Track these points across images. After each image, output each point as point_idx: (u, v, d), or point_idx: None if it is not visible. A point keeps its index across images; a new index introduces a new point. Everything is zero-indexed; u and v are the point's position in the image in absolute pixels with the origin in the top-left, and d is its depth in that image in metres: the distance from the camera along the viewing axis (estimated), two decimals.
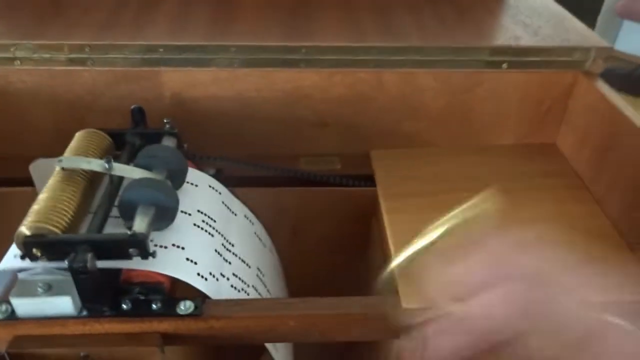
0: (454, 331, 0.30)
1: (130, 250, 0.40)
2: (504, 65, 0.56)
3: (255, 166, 0.56)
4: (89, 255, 0.39)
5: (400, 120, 0.59)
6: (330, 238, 0.60)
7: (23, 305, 0.41)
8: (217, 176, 0.56)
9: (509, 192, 0.55)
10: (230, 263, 0.48)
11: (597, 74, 0.57)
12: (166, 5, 0.59)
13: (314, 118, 0.58)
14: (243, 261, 0.50)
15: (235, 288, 0.47)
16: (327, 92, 0.56)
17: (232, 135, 0.58)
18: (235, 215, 0.53)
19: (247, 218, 0.55)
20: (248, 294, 0.48)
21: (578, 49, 0.55)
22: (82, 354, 0.43)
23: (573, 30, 0.59)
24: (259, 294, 0.50)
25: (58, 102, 0.55)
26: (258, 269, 0.51)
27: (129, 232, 0.40)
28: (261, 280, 0.50)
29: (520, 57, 0.56)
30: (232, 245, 0.50)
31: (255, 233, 0.55)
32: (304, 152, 0.60)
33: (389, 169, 0.58)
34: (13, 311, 0.41)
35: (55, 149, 0.46)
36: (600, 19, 2.79)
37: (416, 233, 0.50)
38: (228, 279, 0.47)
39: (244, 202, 0.54)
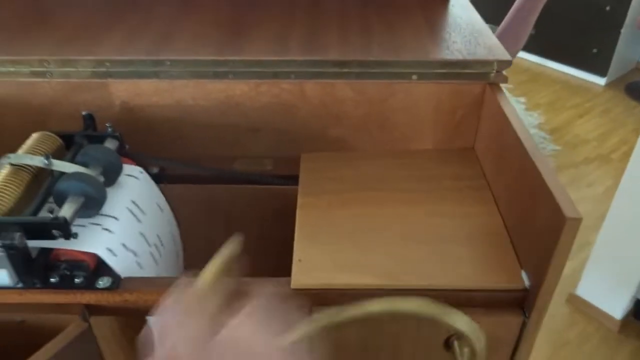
0: None
1: (54, 231, 0.48)
2: (414, 77, 0.62)
3: (191, 166, 0.64)
4: (18, 234, 0.47)
5: (326, 127, 0.66)
6: (260, 231, 0.66)
7: None
8: (160, 174, 0.64)
9: (415, 192, 0.62)
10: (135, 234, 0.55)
11: (499, 85, 0.62)
12: (120, 25, 0.68)
13: (246, 124, 0.65)
14: (144, 236, 0.56)
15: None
16: (255, 100, 0.63)
17: (174, 139, 0.66)
18: (150, 198, 0.59)
19: (158, 205, 0.61)
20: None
21: (480, 62, 0.61)
22: (18, 319, 0.51)
23: (483, 45, 0.64)
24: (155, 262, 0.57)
25: (23, 109, 0.64)
26: (155, 245, 0.58)
27: (51, 216, 0.48)
28: (153, 256, 0.57)
29: (428, 70, 0.61)
30: (140, 222, 0.56)
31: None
32: (239, 154, 0.67)
33: (313, 170, 0.64)
34: None
35: None
36: (623, 33, 2.79)
37: (319, 226, 0.56)
38: (133, 251, 0.53)
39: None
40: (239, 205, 0.66)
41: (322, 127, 0.66)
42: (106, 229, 0.52)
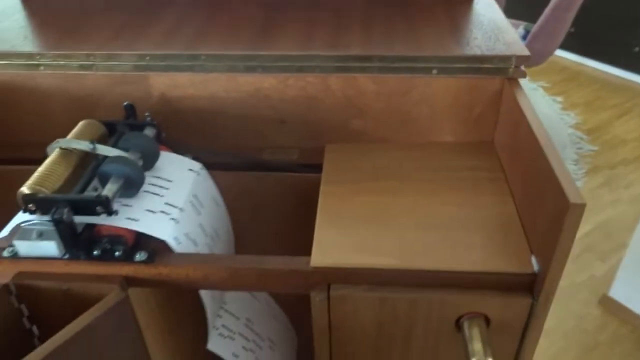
0: None
1: (97, 208, 0.53)
2: (434, 71, 0.64)
3: (222, 154, 0.68)
4: (66, 210, 0.52)
5: (348, 119, 0.69)
6: (284, 216, 0.70)
7: (22, 247, 0.55)
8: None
9: (432, 182, 0.65)
10: (197, 223, 0.60)
11: (517, 80, 0.64)
12: (158, 24, 0.73)
13: (274, 116, 0.69)
14: (203, 227, 0.62)
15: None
16: (283, 93, 0.67)
17: (207, 129, 0.70)
18: (207, 192, 0.64)
19: (214, 199, 0.66)
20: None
21: (499, 57, 0.63)
22: (64, 287, 0.56)
23: (503, 41, 0.66)
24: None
25: (72, 99, 0.69)
26: (212, 235, 0.63)
27: (95, 194, 0.53)
28: (213, 240, 0.62)
29: (448, 64, 0.64)
30: (200, 215, 0.61)
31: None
32: (267, 144, 0.71)
33: (336, 160, 0.68)
34: (16, 252, 0.55)
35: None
36: None
37: (339, 211, 0.60)
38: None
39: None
40: (266, 192, 0.70)
41: (345, 119, 0.69)
42: (173, 219, 0.57)
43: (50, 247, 0.55)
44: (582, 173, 2.27)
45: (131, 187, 0.57)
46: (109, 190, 0.54)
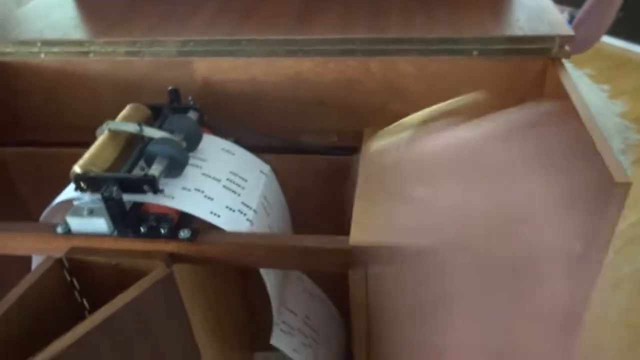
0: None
1: (144, 186, 0.55)
2: (475, 53, 0.64)
3: (263, 136, 0.70)
4: (115, 188, 0.54)
5: (388, 102, 0.69)
6: (323, 198, 0.71)
7: (74, 223, 0.58)
8: (235, 144, 0.70)
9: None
10: (239, 195, 0.62)
11: (561, 59, 0.63)
12: (201, 12, 0.75)
13: (313, 98, 0.70)
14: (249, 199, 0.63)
15: (244, 214, 0.60)
16: (322, 76, 0.68)
17: (248, 112, 0.72)
18: (250, 169, 0.66)
19: (262, 172, 0.67)
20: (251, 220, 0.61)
21: (541, 37, 0.62)
22: (113, 262, 0.59)
23: (547, 21, 0.65)
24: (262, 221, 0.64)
25: (119, 84, 0.72)
26: (262, 203, 0.64)
27: (142, 173, 0.55)
28: (265, 209, 0.64)
29: (489, 46, 0.63)
30: (242, 188, 0.63)
31: (266, 184, 0.67)
32: (306, 127, 0.72)
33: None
34: (69, 228, 0.58)
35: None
36: None
37: (377, 192, 0.60)
38: (239, 210, 0.60)
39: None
40: (305, 174, 0.71)
41: (384, 103, 0.69)
42: (207, 197, 0.59)
43: (100, 224, 0.57)
44: (629, 163, 2.19)
45: (175, 167, 0.59)
46: (155, 169, 0.56)
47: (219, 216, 0.58)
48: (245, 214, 0.61)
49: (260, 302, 0.66)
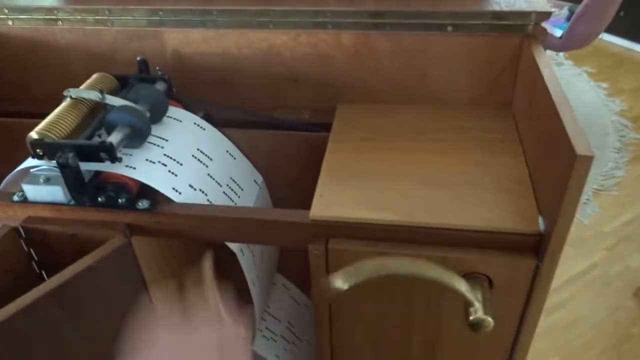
0: None
1: (102, 154, 0.54)
2: (449, 28, 0.62)
3: (234, 110, 0.68)
4: (71, 155, 0.53)
5: (362, 78, 0.67)
6: (294, 174, 0.70)
7: (30, 191, 0.56)
8: (206, 118, 0.68)
9: (445, 142, 0.63)
10: (203, 174, 0.60)
11: (537, 37, 0.61)
12: None
13: (287, 74, 0.68)
14: (214, 179, 0.61)
15: (205, 194, 0.59)
16: (295, 50, 0.66)
17: (220, 86, 0.70)
18: (218, 147, 0.64)
19: (229, 152, 0.66)
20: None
21: (517, 13, 0.60)
22: (70, 232, 0.57)
23: None
24: (231, 200, 0.62)
25: (89, 55, 0.70)
26: (228, 186, 0.62)
27: (99, 140, 0.54)
28: (229, 196, 0.62)
29: (464, 21, 0.61)
30: (207, 167, 0.62)
31: (237, 166, 0.66)
32: (279, 103, 0.70)
33: (347, 119, 0.67)
34: (25, 196, 0.57)
35: None
36: None
37: (345, 167, 0.59)
38: (201, 190, 0.59)
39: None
40: (276, 150, 0.69)
41: (358, 79, 0.68)
42: (171, 171, 0.57)
43: (56, 192, 0.56)
44: (624, 161, 2.17)
45: (137, 137, 0.58)
46: (114, 137, 0.55)
47: (180, 193, 0.57)
48: (206, 194, 0.59)
49: (237, 286, 0.65)
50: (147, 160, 0.57)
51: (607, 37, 2.97)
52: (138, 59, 0.66)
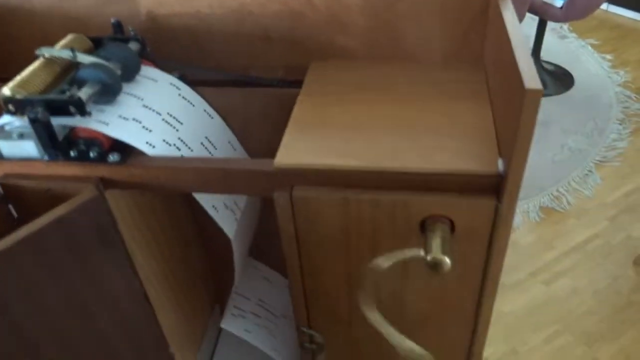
0: None
1: (71, 108, 0.55)
2: None
3: (208, 71, 0.69)
4: (41, 109, 0.54)
5: (334, 36, 0.68)
6: (269, 131, 0.70)
7: (4, 147, 0.58)
8: (181, 79, 0.69)
9: (413, 94, 0.63)
10: (177, 130, 0.62)
11: None
12: None
13: (259, 32, 0.69)
14: (189, 135, 0.63)
15: (179, 149, 0.60)
16: (266, 8, 0.67)
17: (194, 47, 0.71)
18: (193, 106, 0.66)
19: (206, 112, 0.67)
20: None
21: None
22: (45, 188, 0.59)
23: None
24: None
25: (65, 19, 0.71)
26: (206, 140, 0.64)
27: (68, 94, 0.55)
28: (207, 149, 0.63)
29: None
30: (182, 124, 0.63)
31: (213, 125, 0.67)
32: (254, 63, 0.71)
33: (319, 75, 0.67)
34: (0, 153, 0.58)
35: None
36: None
37: (312, 119, 0.59)
38: (175, 145, 0.60)
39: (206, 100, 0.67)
40: (251, 107, 0.70)
41: (330, 35, 0.68)
42: (145, 127, 0.59)
43: (30, 147, 0.57)
44: (627, 132, 2.15)
45: (108, 93, 0.59)
46: (83, 93, 0.56)
47: (154, 147, 0.58)
48: (180, 149, 0.60)
49: (222, 249, 0.66)
50: (120, 116, 0.58)
51: (612, 8, 2.92)
52: (112, 21, 0.67)
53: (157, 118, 0.61)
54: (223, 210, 0.65)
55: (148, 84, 0.64)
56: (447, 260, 0.48)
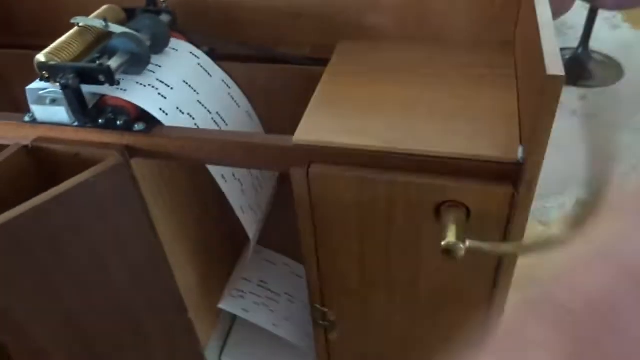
0: None
1: (100, 77, 0.57)
2: None
3: (236, 46, 0.70)
4: (72, 76, 0.56)
5: (364, 12, 0.67)
6: (293, 108, 0.71)
7: (38, 111, 0.60)
8: (209, 53, 0.70)
9: (440, 76, 0.63)
10: (192, 99, 0.63)
11: None
12: None
13: (289, 9, 0.69)
14: (203, 105, 0.64)
15: (192, 118, 0.62)
16: None
17: (224, 21, 0.72)
18: (211, 76, 0.67)
19: (224, 81, 0.68)
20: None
21: None
22: (74, 152, 0.61)
23: None
24: (219, 127, 0.65)
25: None
26: (218, 114, 0.65)
27: (98, 63, 0.56)
28: (217, 124, 0.64)
29: None
30: (197, 94, 0.64)
31: (229, 94, 0.68)
32: (281, 40, 0.71)
33: (345, 54, 0.67)
34: (35, 117, 0.61)
35: None
36: None
37: (335, 98, 0.59)
38: (189, 114, 0.62)
39: (227, 71, 0.68)
40: (276, 83, 0.71)
41: (359, 14, 0.68)
42: (161, 94, 0.60)
43: (61, 113, 0.59)
44: None
45: (137, 63, 0.60)
46: (113, 62, 0.58)
47: (167, 114, 0.59)
48: (194, 118, 0.61)
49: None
50: (137, 83, 0.60)
51: None
52: None
53: (174, 85, 0.62)
54: (232, 181, 0.66)
55: (170, 53, 0.65)
56: (462, 246, 0.48)
